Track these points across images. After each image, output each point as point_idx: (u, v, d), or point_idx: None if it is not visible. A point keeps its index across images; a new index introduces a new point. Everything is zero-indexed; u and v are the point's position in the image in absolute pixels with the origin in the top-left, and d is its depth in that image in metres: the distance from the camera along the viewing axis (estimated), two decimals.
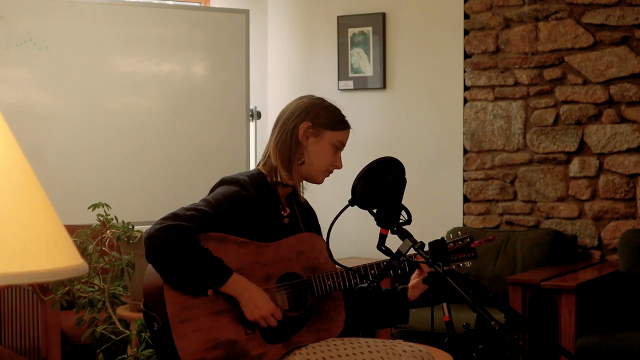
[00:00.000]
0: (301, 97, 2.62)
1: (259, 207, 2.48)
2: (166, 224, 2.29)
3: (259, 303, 2.36)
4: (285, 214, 2.57)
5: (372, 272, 2.52)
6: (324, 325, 2.51)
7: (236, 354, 2.35)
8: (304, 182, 2.64)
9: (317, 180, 2.59)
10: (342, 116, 2.62)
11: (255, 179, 2.51)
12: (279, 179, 2.51)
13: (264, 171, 2.55)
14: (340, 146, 2.60)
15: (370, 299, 2.61)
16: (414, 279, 2.60)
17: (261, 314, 2.36)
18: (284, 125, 2.55)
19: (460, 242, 2.63)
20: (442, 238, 2.51)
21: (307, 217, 2.67)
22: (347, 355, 2.40)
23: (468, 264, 2.62)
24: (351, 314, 2.60)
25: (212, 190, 2.50)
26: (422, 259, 2.23)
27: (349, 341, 2.46)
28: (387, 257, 2.32)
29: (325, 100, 2.62)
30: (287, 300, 2.47)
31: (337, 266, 2.38)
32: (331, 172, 2.61)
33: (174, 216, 2.31)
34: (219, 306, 2.36)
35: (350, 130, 2.67)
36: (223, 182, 2.50)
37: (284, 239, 2.51)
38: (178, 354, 2.29)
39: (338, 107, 2.63)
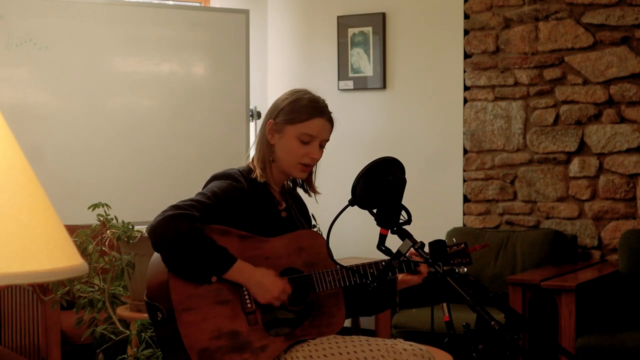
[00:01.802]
0: (282, 94, 2.62)
1: (254, 200, 2.51)
2: (168, 214, 2.32)
3: (267, 286, 2.39)
4: (281, 208, 2.59)
5: (371, 271, 2.53)
6: (326, 320, 2.53)
7: (239, 345, 2.37)
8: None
9: (294, 175, 2.59)
10: (307, 107, 2.54)
11: (247, 173, 2.55)
12: (253, 176, 2.53)
13: (252, 167, 2.57)
14: (307, 138, 2.53)
15: (361, 288, 2.62)
16: (407, 276, 2.60)
17: (272, 295, 2.40)
18: (261, 125, 2.62)
19: (456, 248, 2.64)
20: (442, 240, 2.51)
21: (301, 209, 2.71)
22: (348, 353, 2.41)
23: (464, 269, 2.63)
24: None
25: (204, 187, 2.52)
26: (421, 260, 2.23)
27: (350, 339, 2.48)
28: (387, 257, 2.33)
29: (297, 93, 2.57)
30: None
31: (336, 264, 2.40)
32: (307, 164, 2.56)
33: (174, 207, 2.34)
34: (222, 296, 2.38)
35: (332, 121, 2.60)
36: (215, 177, 2.53)
37: (284, 234, 2.53)
38: (182, 342, 2.30)
39: (308, 99, 2.56)
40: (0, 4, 4.42)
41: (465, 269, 2.61)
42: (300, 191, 2.75)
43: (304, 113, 2.53)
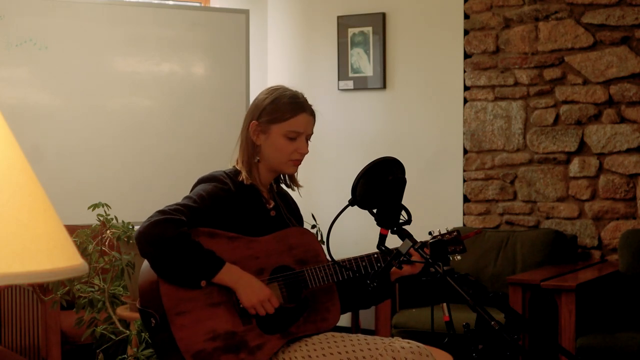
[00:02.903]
0: (259, 94, 2.62)
1: (242, 201, 2.51)
2: (154, 220, 2.32)
3: (255, 289, 2.38)
4: (270, 207, 2.59)
5: (364, 264, 2.53)
6: (321, 315, 2.53)
7: (235, 345, 2.37)
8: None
9: (286, 171, 2.60)
10: (289, 105, 2.54)
11: (234, 174, 2.55)
12: (239, 178, 2.53)
13: (238, 168, 2.57)
14: (294, 135, 2.53)
15: (356, 281, 2.62)
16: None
17: (259, 298, 2.38)
18: (242, 126, 2.60)
19: (448, 236, 2.64)
20: (442, 240, 2.51)
21: (289, 207, 2.70)
22: (346, 352, 2.41)
23: (458, 257, 2.63)
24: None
25: (191, 190, 2.52)
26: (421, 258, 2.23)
27: (348, 338, 2.48)
28: (376, 250, 2.34)
29: (276, 91, 2.58)
30: (281, 292, 2.50)
31: (328, 259, 2.40)
32: (298, 159, 2.57)
33: (160, 213, 2.35)
34: (214, 298, 2.38)
35: (314, 114, 2.59)
36: (201, 180, 2.53)
37: (274, 233, 2.53)
38: (178, 345, 2.30)
39: (289, 96, 2.56)
40: (0, 4, 4.42)
41: (459, 257, 2.61)
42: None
43: (287, 111, 2.53)
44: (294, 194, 2.75)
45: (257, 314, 2.41)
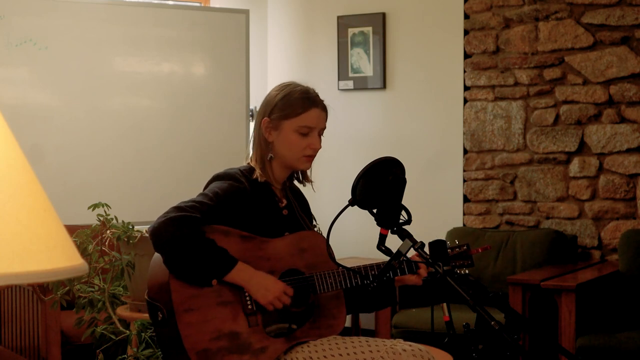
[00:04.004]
0: (270, 91, 2.62)
1: (256, 199, 2.51)
2: (170, 216, 2.31)
3: (268, 286, 2.39)
4: (283, 205, 2.59)
5: (372, 272, 2.53)
6: (326, 322, 2.53)
7: (239, 346, 2.37)
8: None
9: (299, 167, 2.59)
10: (300, 100, 2.54)
11: (248, 172, 2.54)
12: (254, 176, 2.53)
13: (252, 165, 2.57)
14: (306, 130, 2.53)
15: (361, 287, 2.61)
16: (404, 275, 2.60)
17: (274, 295, 2.39)
18: (254, 124, 2.61)
19: (458, 249, 2.64)
20: (442, 240, 2.52)
21: (302, 205, 2.70)
22: (347, 354, 2.41)
23: (465, 271, 2.63)
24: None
25: (206, 187, 2.52)
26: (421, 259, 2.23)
27: (349, 340, 2.48)
28: (388, 258, 2.33)
29: (287, 87, 2.58)
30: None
31: (338, 265, 2.40)
32: (310, 155, 2.56)
33: (176, 209, 2.34)
34: (223, 297, 2.38)
35: (326, 109, 2.59)
36: (216, 177, 2.52)
37: (286, 235, 2.52)
38: (182, 342, 2.29)
39: (300, 91, 2.56)
40: (0, 4, 4.42)
41: (467, 271, 2.61)
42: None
43: (298, 106, 2.53)
44: (306, 190, 2.74)
45: (266, 312, 2.42)
